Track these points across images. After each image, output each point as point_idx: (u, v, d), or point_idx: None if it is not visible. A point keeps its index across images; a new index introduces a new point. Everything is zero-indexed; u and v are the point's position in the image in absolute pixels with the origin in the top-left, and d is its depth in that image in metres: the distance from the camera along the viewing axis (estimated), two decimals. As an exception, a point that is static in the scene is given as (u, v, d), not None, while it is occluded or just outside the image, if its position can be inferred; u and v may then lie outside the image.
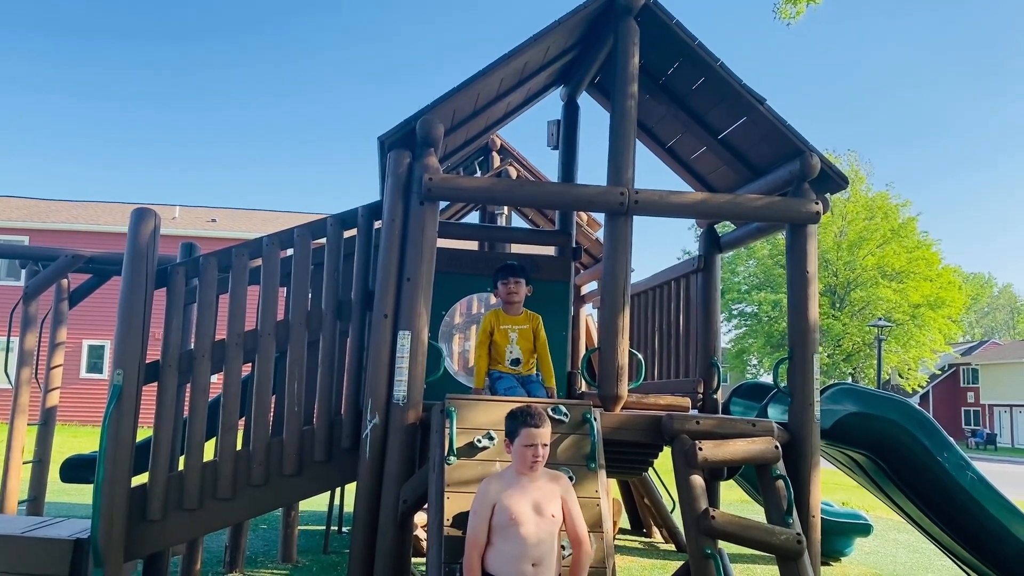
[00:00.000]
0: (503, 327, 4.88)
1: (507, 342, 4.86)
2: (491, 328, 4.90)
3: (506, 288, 4.89)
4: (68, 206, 31.88)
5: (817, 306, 4.81)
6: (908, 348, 38.91)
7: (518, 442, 3.58)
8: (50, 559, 4.44)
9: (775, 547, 4.04)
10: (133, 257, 4.49)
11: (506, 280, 4.90)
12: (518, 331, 4.88)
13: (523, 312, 4.97)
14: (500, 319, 4.91)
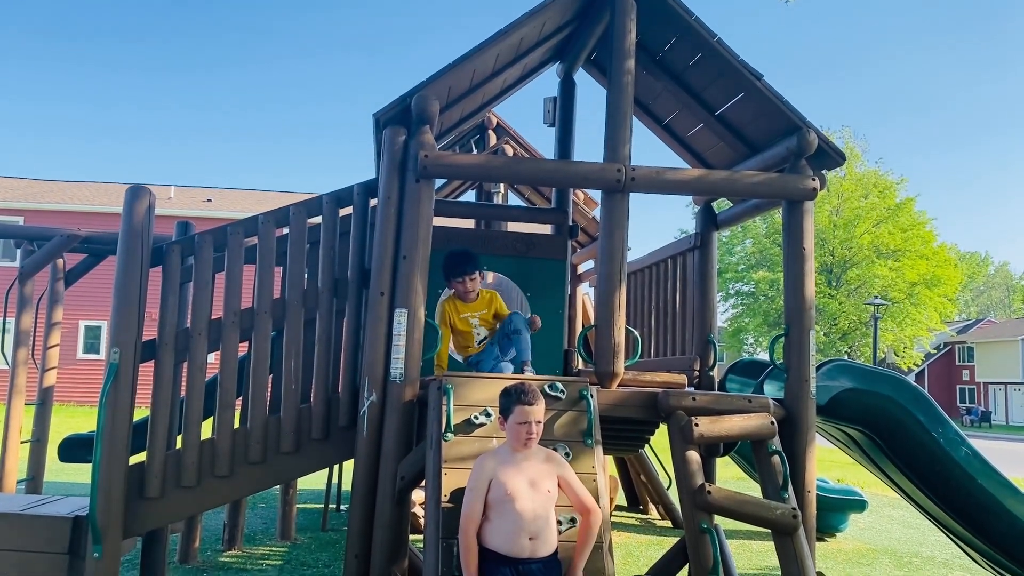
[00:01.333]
0: (463, 315, 4.86)
1: (470, 328, 4.86)
2: (449, 319, 4.89)
3: (463, 286, 4.88)
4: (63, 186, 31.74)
5: (813, 283, 4.82)
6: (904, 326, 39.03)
7: (512, 419, 3.60)
8: (49, 536, 4.45)
9: (771, 522, 4.07)
10: (128, 235, 4.47)
11: (461, 279, 4.87)
12: (478, 316, 4.89)
13: (478, 296, 4.95)
14: (458, 308, 4.89)
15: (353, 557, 4.36)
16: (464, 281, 4.85)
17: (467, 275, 4.84)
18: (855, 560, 8.01)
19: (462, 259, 4.88)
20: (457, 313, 4.86)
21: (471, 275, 4.86)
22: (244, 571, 6.54)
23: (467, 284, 4.85)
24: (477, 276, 4.89)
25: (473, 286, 4.88)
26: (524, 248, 5.96)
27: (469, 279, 4.85)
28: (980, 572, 7.46)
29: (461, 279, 4.85)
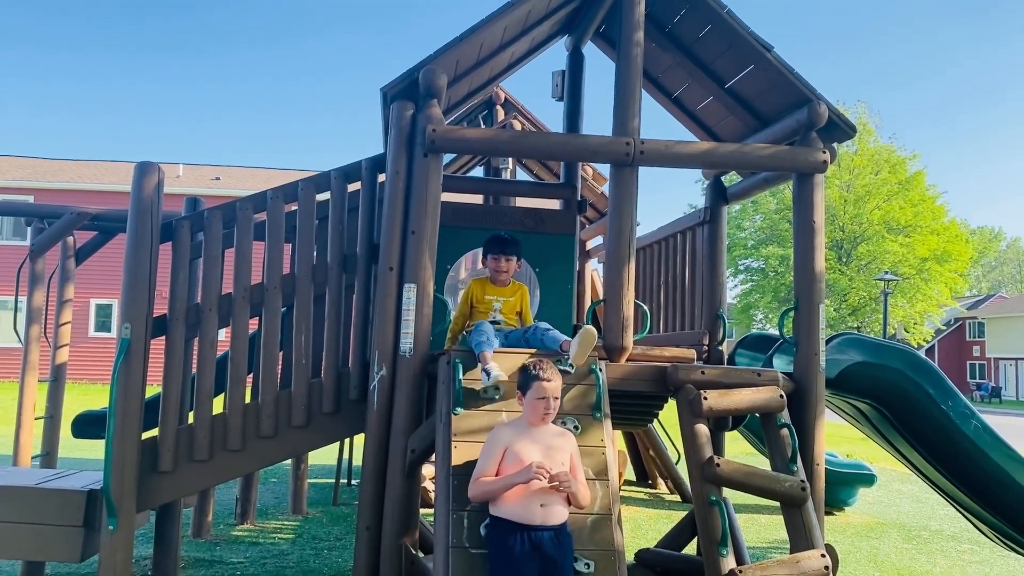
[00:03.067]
0: (487, 297, 4.81)
1: (489, 308, 4.80)
2: (472, 295, 4.84)
3: (496, 264, 4.79)
4: (72, 165, 31.81)
5: (823, 256, 4.80)
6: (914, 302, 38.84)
7: (530, 395, 3.64)
8: (64, 510, 4.51)
9: (779, 494, 4.08)
10: (138, 211, 4.49)
11: (497, 256, 4.78)
12: (502, 301, 4.83)
13: (510, 283, 4.89)
14: (485, 289, 4.84)
15: (364, 529, 4.40)
16: (500, 259, 4.75)
17: (504, 255, 4.75)
18: (864, 534, 8.04)
19: (505, 240, 4.82)
20: (483, 292, 4.80)
21: (508, 256, 4.77)
22: (257, 544, 6.61)
23: (501, 263, 4.76)
24: (513, 261, 4.81)
25: (508, 267, 4.79)
26: (533, 223, 5.96)
27: (505, 259, 4.75)
28: (989, 545, 7.49)
29: (497, 256, 4.76)
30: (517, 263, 4.91)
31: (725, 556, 3.78)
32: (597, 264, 9.70)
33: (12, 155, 32.30)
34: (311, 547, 6.59)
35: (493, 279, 4.84)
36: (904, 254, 37.64)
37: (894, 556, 7.12)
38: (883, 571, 6.55)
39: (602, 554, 3.75)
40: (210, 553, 6.24)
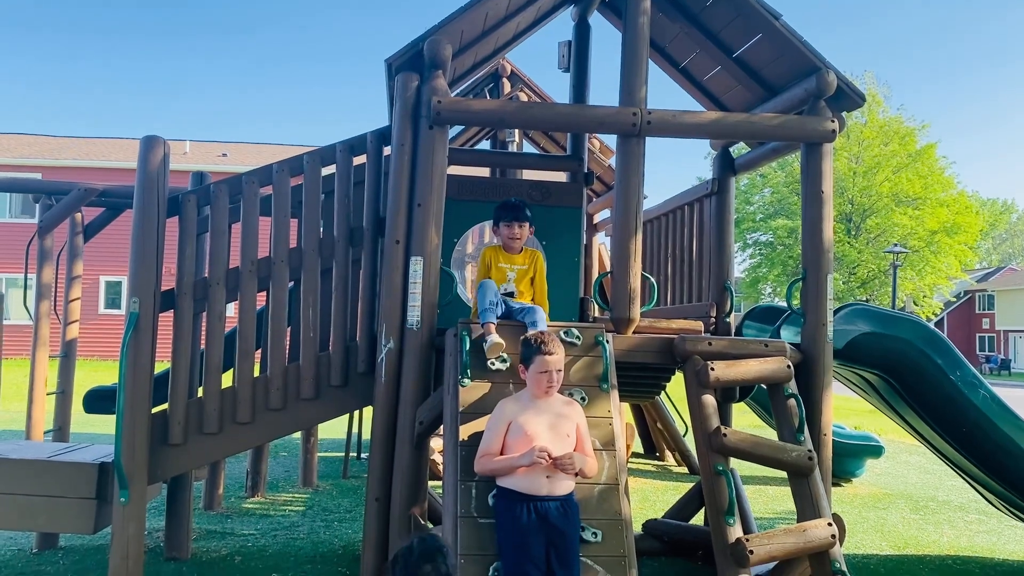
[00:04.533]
0: (501, 265, 4.78)
1: (503, 278, 4.77)
2: (488, 264, 4.82)
3: (509, 231, 4.75)
4: (79, 142, 31.80)
5: (832, 226, 4.77)
6: (923, 275, 38.68)
7: (533, 368, 3.64)
8: (77, 482, 4.56)
9: (786, 464, 4.10)
10: (144, 184, 4.49)
11: (509, 223, 4.73)
12: (516, 270, 4.80)
13: (523, 251, 4.86)
14: (499, 256, 4.81)
15: (374, 500, 4.44)
16: (512, 226, 4.71)
17: (517, 221, 4.71)
18: (871, 504, 8.07)
19: (514, 206, 4.77)
20: (496, 261, 4.78)
21: (520, 222, 4.73)
22: (267, 517, 6.68)
23: (515, 230, 4.71)
24: (526, 227, 4.78)
25: (521, 234, 4.76)
26: (539, 196, 5.92)
27: (518, 226, 4.72)
28: (996, 515, 7.51)
29: (509, 224, 4.73)
30: (530, 229, 4.89)
31: (732, 525, 3.80)
32: (605, 238, 9.68)
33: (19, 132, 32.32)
34: (321, 519, 6.65)
35: (506, 247, 4.82)
36: (913, 226, 37.43)
37: (901, 526, 7.15)
38: (890, 541, 6.58)
39: (609, 523, 3.77)
40: (221, 525, 6.30)
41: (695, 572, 5.49)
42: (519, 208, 4.75)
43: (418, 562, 2.36)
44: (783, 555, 3.87)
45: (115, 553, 4.35)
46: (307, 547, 5.76)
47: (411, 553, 2.38)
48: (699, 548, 5.67)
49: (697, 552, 5.71)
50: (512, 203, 4.80)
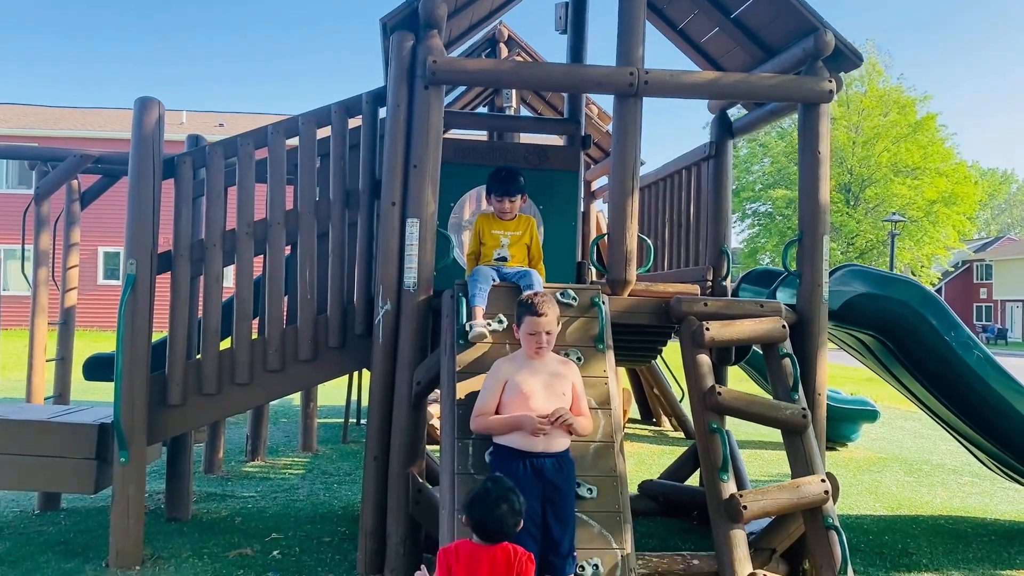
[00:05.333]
0: (494, 232, 4.76)
1: (496, 244, 4.75)
2: (480, 232, 4.80)
3: (500, 205, 4.71)
4: (76, 112, 31.62)
5: (828, 188, 4.76)
6: (921, 245, 38.71)
7: (523, 329, 3.68)
8: (77, 442, 4.60)
9: (780, 421, 4.13)
10: (139, 145, 4.48)
11: (500, 198, 4.67)
12: (509, 236, 4.78)
13: (516, 217, 4.84)
14: (492, 224, 4.79)
15: (372, 459, 4.48)
16: (503, 201, 4.68)
17: (507, 196, 4.67)
18: (866, 468, 8.14)
19: (506, 178, 4.67)
20: (490, 228, 4.77)
21: (511, 197, 4.70)
22: (267, 480, 6.74)
23: (505, 204, 4.70)
24: (517, 200, 4.75)
25: (511, 208, 4.73)
26: (536, 160, 5.91)
27: (509, 200, 4.69)
28: (989, 477, 7.59)
29: (500, 198, 4.70)
30: (521, 199, 4.87)
31: (726, 482, 3.84)
32: (603, 205, 9.66)
33: (14, 103, 32.10)
34: (321, 482, 6.71)
35: (498, 215, 4.82)
36: (912, 196, 37.38)
37: (895, 488, 7.22)
38: (884, 502, 6.65)
39: (604, 480, 3.82)
40: (221, 488, 6.36)
41: (690, 531, 5.55)
42: (510, 181, 4.68)
43: (496, 501, 2.73)
44: (777, 510, 3.91)
45: (116, 512, 4.40)
46: (307, 508, 5.82)
47: (488, 494, 2.76)
48: (694, 508, 5.74)
49: (692, 512, 5.78)
50: (503, 175, 4.73)
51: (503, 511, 2.74)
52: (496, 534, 2.75)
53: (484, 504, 2.76)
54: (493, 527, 2.75)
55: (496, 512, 2.73)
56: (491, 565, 2.71)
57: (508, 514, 2.76)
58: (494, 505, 2.74)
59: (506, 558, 2.73)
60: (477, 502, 2.78)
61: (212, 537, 5.01)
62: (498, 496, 2.76)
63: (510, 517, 2.76)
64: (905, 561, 5.06)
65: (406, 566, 4.34)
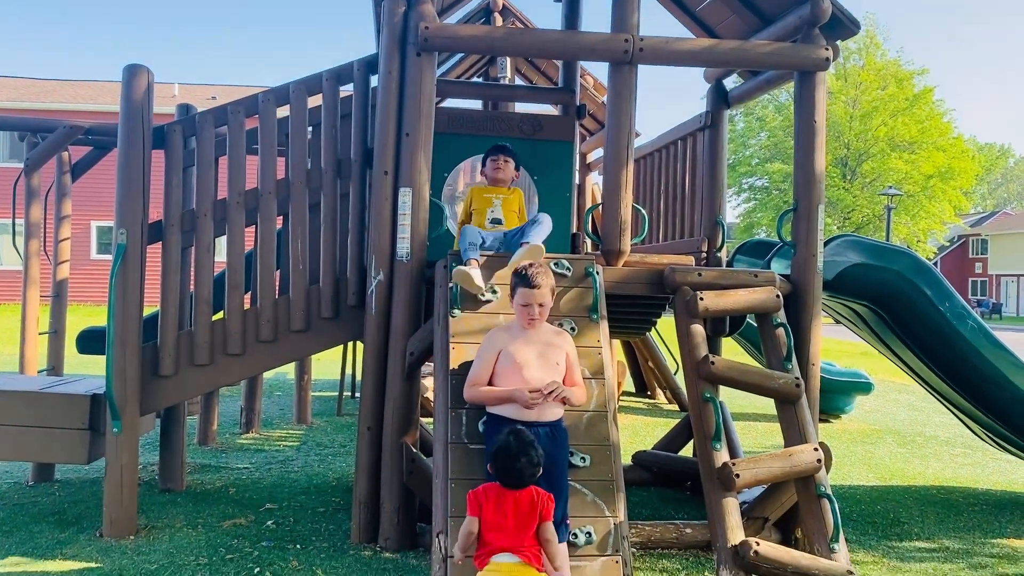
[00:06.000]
0: (486, 195, 4.79)
1: (488, 205, 4.77)
2: (472, 200, 4.82)
3: (494, 164, 4.77)
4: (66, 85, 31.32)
5: (823, 157, 4.74)
6: (917, 220, 38.68)
7: (516, 300, 3.68)
8: (69, 413, 4.58)
9: (774, 391, 4.12)
10: (128, 113, 4.42)
11: (495, 157, 4.77)
12: (501, 199, 4.80)
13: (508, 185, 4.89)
14: (483, 190, 4.83)
15: (366, 429, 4.48)
16: (498, 159, 4.76)
17: (502, 155, 4.76)
18: (859, 439, 8.18)
19: (500, 147, 4.85)
20: (481, 193, 4.79)
21: (506, 157, 4.77)
22: (262, 451, 6.74)
23: (499, 163, 4.75)
24: (511, 164, 4.80)
25: (506, 169, 4.78)
26: (531, 130, 5.86)
27: (503, 159, 4.76)
28: (981, 448, 7.63)
29: (495, 158, 4.78)
30: (515, 172, 4.87)
31: (719, 451, 3.84)
32: (598, 177, 9.61)
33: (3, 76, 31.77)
34: (316, 453, 6.72)
35: (491, 181, 4.82)
36: (909, 171, 37.30)
37: (888, 459, 7.26)
38: (877, 473, 6.68)
39: (598, 448, 3.82)
40: (216, 459, 6.37)
41: (683, 501, 5.58)
42: (504, 149, 4.82)
43: (517, 455, 3.05)
44: (769, 479, 3.92)
45: (109, 482, 4.40)
46: (301, 479, 5.83)
47: (510, 448, 3.08)
48: (687, 479, 5.76)
49: (685, 483, 5.80)
50: (498, 146, 4.88)
51: (522, 464, 3.06)
52: (517, 483, 3.07)
53: (506, 457, 3.08)
54: (514, 477, 3.06)
55: (516, 464, 3.06)
56: (516, 505, 3.05)
57: (527, 466, 3.07)
58: (515, 458, 3.06)
59: (530, 499, 3.07)
60: (500, 454, 3.10)
61: (206, 508, 5.02)
62: (518, 450, 3.07)
63: (528, 468, 3.07)
64: (896, 530, 5.09)
65: (400, 535, 4.36)
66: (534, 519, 3.06)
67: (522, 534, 3.04)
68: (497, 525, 3.04)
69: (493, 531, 3.04)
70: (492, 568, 3.00)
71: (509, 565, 2.99)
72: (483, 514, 3.07)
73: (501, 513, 3.04)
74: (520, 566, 3.00)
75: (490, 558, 3.02)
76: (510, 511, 3.04)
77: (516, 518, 3.04)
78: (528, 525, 3.05)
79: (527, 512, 3.05)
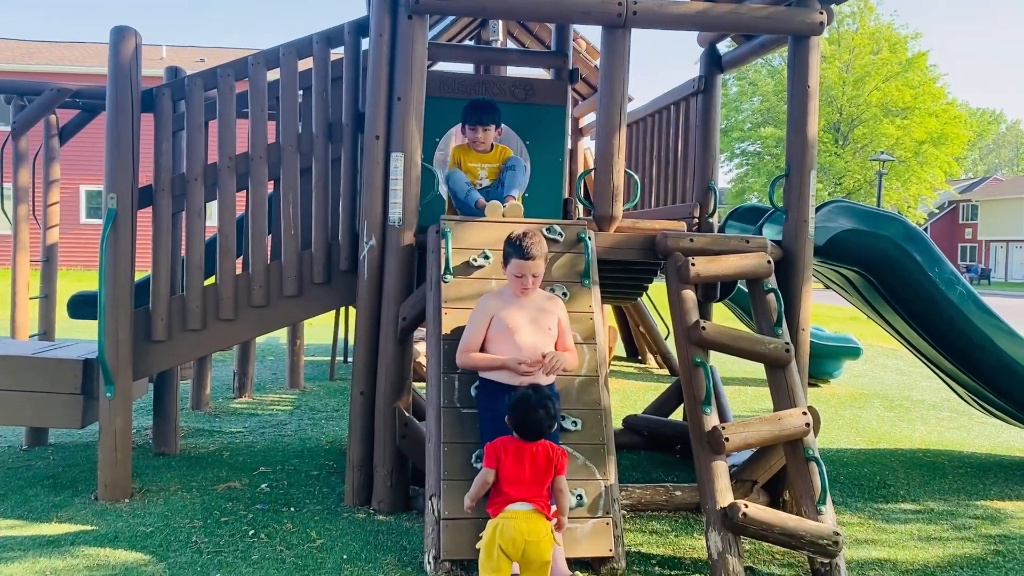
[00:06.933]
0: (471, 165, 4.77)
1: (475, 177, 4.77)
2: (459, 164, 4.80)
3: (473, 134, 4.72)
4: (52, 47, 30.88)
5: (816, 122, 4.72)
6: (908, 185, 38.75)
7: (509, 270, 3.70)
8: (61, 377, 4.59)
9: (763, 355, 4.15)
10: (116, 75, 4.37)
11: (473, 127, 4.71)
12: (487, 168, 4.79)
13: (493, 147, 4.84)
14: (468, 156, 4.79)
15: (359, 394, 4.51)
16: (476, 130, 4.70)
17: (481, 125, 4.68)
18: (847, 403, 8.27)
19: (481, 107, 4.73)
20: (467, 160, 4.77)
21: (485, 126, 4.70)
22: (255, 415, 6.78)
23: (479, 133, 4.71)
24: (492, 129, 4.75)
25: (485, 138, 4.73)
26: (523, 94, 5.82)
27: (483, 129, 4.70)
28: (968, 413, 7.73)
29: (474, 127, 4.71)
30: (497, 131, 4.84)
31: (708, 414, 3.88)
32: (590, 142, 9.57)
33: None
34: (308, 418, 6.76)
35: (472, 145, 4.81)
36: (901, 136, 37.28)
37: (875, 423, 7.35)
38: (864, 436, 6.77)
39: (589, 412, 3.86)
40: (209, 424, 6.40)
41: (673, 464, 5.65)
42: (483, 110, 4.72)
43: (535, 407, 3.18)
44: (758, 442, 3.96)
45: (103, 445, 4.42)
46: (295, 443, 5.87)
47: (528, 399, 3.20)
48: (677, 442, 5.82)
49: (675, 446, 5.86)
50: (477, 104, 4.76)
51: (540, 415, 3.18)
52: (534, 435, 3.20)
53: (524, 408, 3.19)
54: (532, 428, 3.19)
55: (534, 416, 3.18)
56: (533, 459, 3.19)
57: (545, 418, 3.19)
58: (533, 410, 3.18)
59: (545, 452, 3.21)
60: (519, 406, 3.21)
61: (200, 471, 5.05)
62: (536, 402, 3.19)
63: (546, 420, 3.20)
64: (883, 492, 5.17)
65: (393, 498, 4.41)
66: (550, 472, 3.20)
67: (539, 487, 3.18)
68: (515, 477, 3.17)
69: (511, 483, 3.17)
70: (507, 515, 3.13)
71: (524, 512, 3.13)
72: (501, 467, 3.19)
73: (519, 466, 3.18)
74: (533, 513, 3.14)
75: (506, 506, 3.15)
76: (527, 464, 3.18)
77: (533, 471, 3.18)
78: (544, 478, 3.20)
79: (543, 466, 3.19)
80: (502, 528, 3.11)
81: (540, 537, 3.10)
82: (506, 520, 3.13)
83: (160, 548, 3.77)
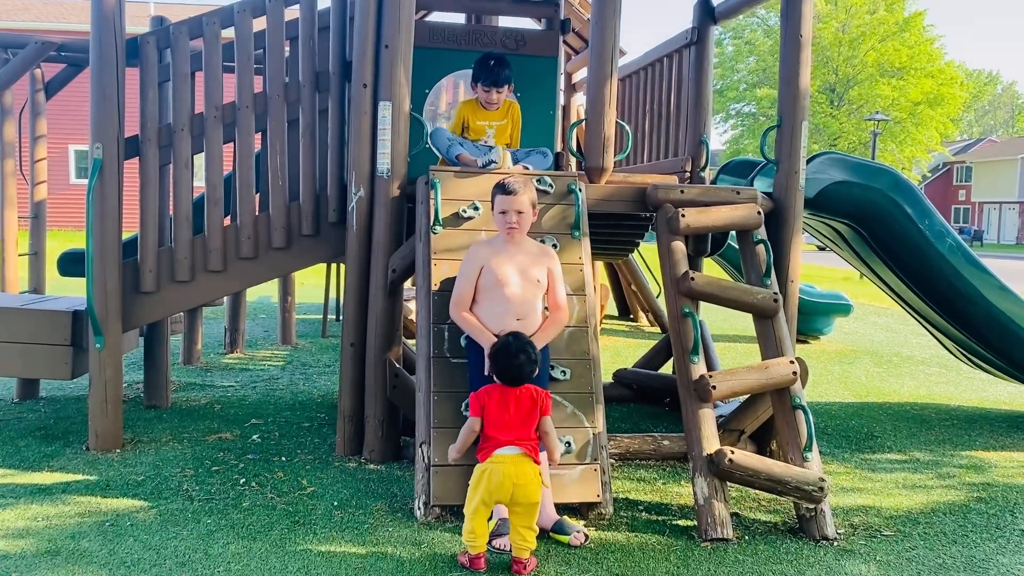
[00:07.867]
0: (479, 123, 4.70)
1: (482, 134, 4.72)
2: (465, 121, 4.73)
3: (487, 96, 4.64)
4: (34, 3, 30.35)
5: (808, 73, 4.69)
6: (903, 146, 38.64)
7: (495, 208, 3.69)
8: (51, 329, 4.59)
9: (752, 305, 4.16)
10: (100, 24, 4.31)
11: (488, 89, 4.60)
12: (495, 127, 4.73)
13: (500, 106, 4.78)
14: (476, 113, 4.72)
15: (349, 345, 4.51)
16: (490, 92, 4.62)
17: (495, 87, 4.61)
18: (837, 359, 8.32)
19: (495, 67, 4.60)
20: (475, 118, 4.70)
21: (499, 88, 4.63)
22: (247, 370, 6.79)
23: (492, 95, 4.64)
24: (504, 90, 4.68)
25: (498, 99, 4.67)
26: (514, 45, 5.76)
27: (496, 92, 4.63)
28: (956, 368, 7.79)
29: (487, 89, 4.62)
30: (509, 88, 4.77)
31: (696, 363, 3.90)
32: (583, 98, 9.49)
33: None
34: (300, 372, 6.78)
35: (484, 104, 4.73)
36: (896, 97, 37.09)
37: (864, 378, 7.40)
38: (853, 391, 6.82)
39: (578, 362, 3.88)
40: (201, 378, 6.41)
41: (662, 416, 5.69)
42: (499, 71, 4.60)
43: (516, 352, 3.26)
44: (745, 390, 3.99)
45: (94, 396, 4.43)
46: (286, 396, 5.89)
47: (509, 346, 3.28)
48: (666, 395, 5.86)
49: (664, 399, 5.91)
50: (492, 63, 4.64)
51: (521, 360, 3.25)
52: (516, 380, 3.25)
53: (506, 355, 3.26)
54: (514, 374, 3.25)
55: (516, 362, 3.24)
56: (518, 402, 3.25)
57: (526, 363, 3.25)
58: (514, 356, 3.25)
59: (529, 394, 3.27)
60: (500, 353, 3.28)
61: (191, 423, 5.08)
62: (517, 349, 3.27)
63: (527, 366, 3.26)
64: (870, 443, 5.22)
65: (384, 448, 4.44)
66: (535, 414, 3.26)
67: (526, 429, 3.24)
68: (501, 422, 3.23)
69: (497, 427, 3.23)
70: (495, 459, 3.18)
71: (512, 456, 3.18)
72: (486, 413, 3.25)
73: (504, 410, 3.23)
74: (520, 456, 3.19)
75: (494, 451, 3.20)
76: (512, 407, 3.23)
77: (518, 413, 3.24)
78: (530, 420, 3.25)
79: (529, 408, 3.25)
80: (490, 473, 3.14)
81: (528, 480, 3.14)
82: (494, 465, 3.16)
83: (151, 496, 3.80)
